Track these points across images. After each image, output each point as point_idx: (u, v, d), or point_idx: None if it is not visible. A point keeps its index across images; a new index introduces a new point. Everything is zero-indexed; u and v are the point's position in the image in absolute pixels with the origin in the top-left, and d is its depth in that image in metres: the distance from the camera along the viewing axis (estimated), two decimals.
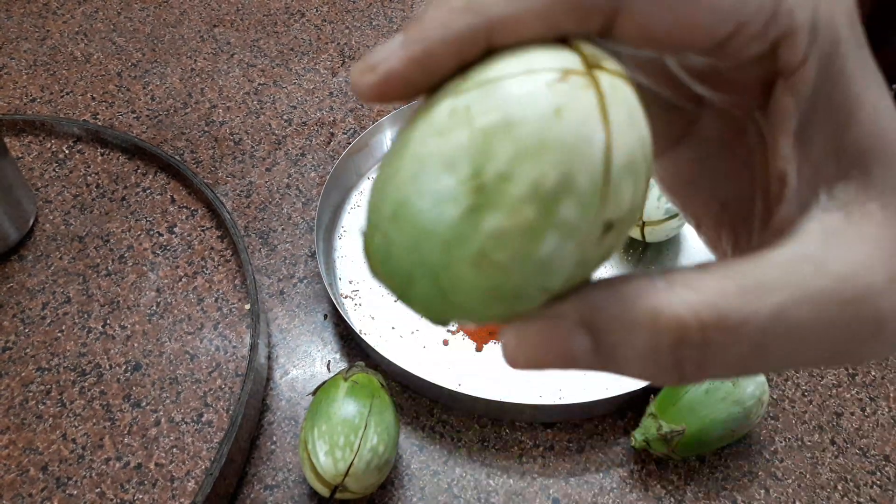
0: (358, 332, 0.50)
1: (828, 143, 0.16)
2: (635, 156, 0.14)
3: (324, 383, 0.46)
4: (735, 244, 0.20)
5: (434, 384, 0.47)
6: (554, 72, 0.14)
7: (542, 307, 0.15)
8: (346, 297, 0.55)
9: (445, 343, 0.53)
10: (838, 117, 0.16)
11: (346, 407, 0.43)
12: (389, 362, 0.49)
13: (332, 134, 0.67)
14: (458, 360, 0.52)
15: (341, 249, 0.58)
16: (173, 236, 0.58)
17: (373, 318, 0.54)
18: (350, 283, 0.56)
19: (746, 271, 0.15)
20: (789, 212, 0.16)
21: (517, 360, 0.16)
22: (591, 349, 0.15)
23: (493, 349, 0.52)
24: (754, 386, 0.45)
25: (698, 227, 0.22)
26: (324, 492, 0.43)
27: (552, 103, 0.14)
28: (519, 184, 0.14)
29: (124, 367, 0.51)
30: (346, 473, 0.41)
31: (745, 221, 0.19)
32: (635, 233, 0.56)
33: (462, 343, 0.53)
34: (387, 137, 0.65)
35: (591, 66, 0.15)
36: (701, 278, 0.15)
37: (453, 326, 0.54)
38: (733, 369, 0.15)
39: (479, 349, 0.52)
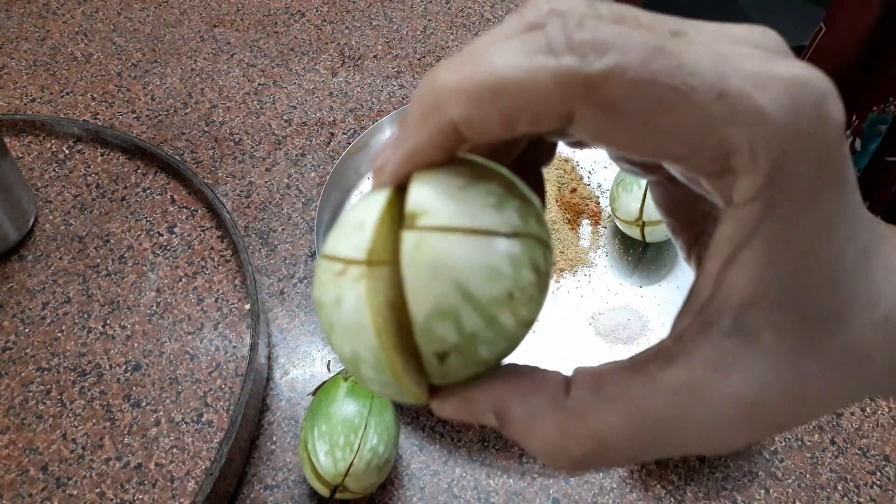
0: None
1: (755, 276, 0.16)
2: (447, 300, 0.17)
3: (324, 383, 0.46)
4: (698, 265, 0.22)
5: None
6: (340, 263, 0.18)
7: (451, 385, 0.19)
8: None
9: None
10: (774, 262, 0.16)
11: (346, 407, 0.43)
12: None
13: (332, 134, 0.67)
14: None
15: None
16: (173, 236, 0.58)
17: None
18: None
19: (635, 399, 0.17)
20: (690, 323, 0.18)
21: (441, 414, 0.20)
22: (499, 426, 0.19)
23: None
24: None
25: (675, 239, 0.23)
26: (324, 492, 0.43)
27: (335, 294, 0.18)
28: (337, 349, 0.19)
29: (124, 367, 0.51)
30: (346, 473, 0.41)
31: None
32: (635, 233, 0.56)
33: None
34: (387, 137, 0.65)
35: (407, 226, 0.18)
36: (593, 408, 0.18)
37: None
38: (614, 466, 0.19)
39: None
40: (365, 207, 0.19)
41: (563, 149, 0.66)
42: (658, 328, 0.54)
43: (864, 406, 0.51)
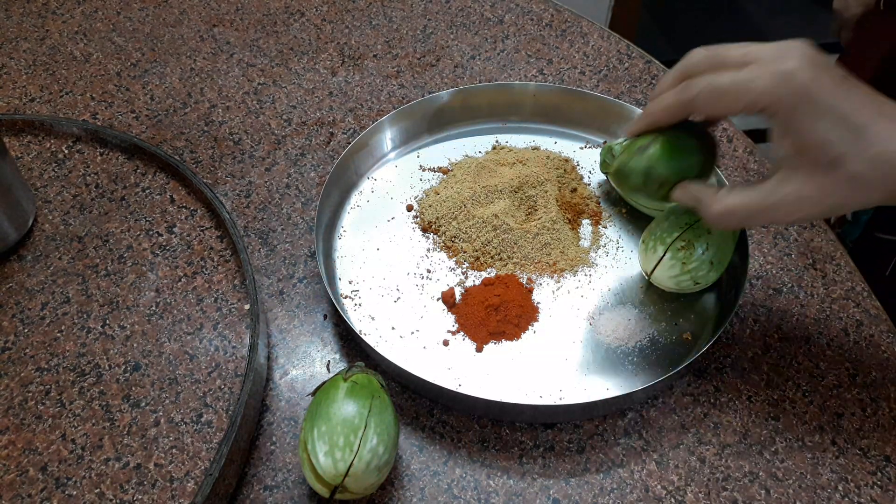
0: (358, 332, 0.50)
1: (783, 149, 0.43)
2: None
3: (323, 384, 0.46)
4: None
5: (434, 384, 0.47)
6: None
7: None
8: (345, 297, 0.55)
9: (446, 343, 0.53)
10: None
11: (346, 407, 0.43)
12: (389, 363, 0.49)
13: (332, 134, 0.67)
14: (458, 360, 0.52)
15: (341, 249, 0.58)
16: (173, 236, 0.58)
17: (373, 318, 0.54)
18: (350, 283, 0.56)
19: (755, 191, 0.44)
20: (775, 161, 0.44)
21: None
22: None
23: (493, 350, 0.52)
24: None
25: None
26: (323, 492, 0.42)
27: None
28: None
29: (123, 367, 0.50)
30: (346, 474, 0.41)
31: None
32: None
33: (462, 344, 0.53)
34: (387, 137, 0.64)
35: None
36: (736, 193, 0.46)
37: (454, 326, 0.53)
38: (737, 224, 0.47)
39: (479, 350, 0.52)
40: None
41: (562, 148, 0.66)
42: (658, 328, 0.54)
43: (865, 406, 0.51)
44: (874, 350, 0.54)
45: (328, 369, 0.52)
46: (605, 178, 0.63)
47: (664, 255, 0.52)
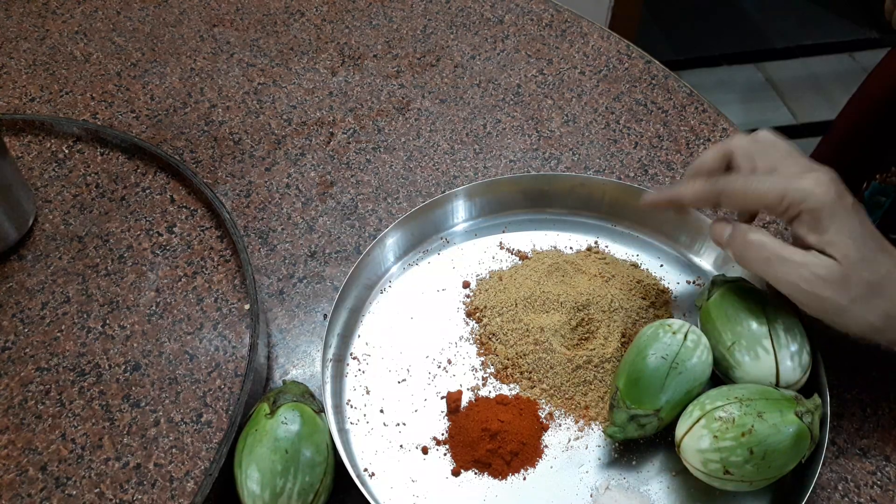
0: (342, 403, 0.48)
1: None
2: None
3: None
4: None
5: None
6: None
7: None
8: (354, 358, 0.52)
9: (424, 451, 0.47)
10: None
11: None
12: (353, 457, 0.46)
13: (332, 134, 0.67)
14: (426, 476, 0.46)
15: (377, 303, 0.54)
16: (173, 236, 0.58)
17: (367, 392, 0.50)
18: (367, 344, 0.52)
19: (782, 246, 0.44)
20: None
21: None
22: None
23: (470, 480, 0.46)
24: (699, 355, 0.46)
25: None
26: None
27: None
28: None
29: (123, 367, 0.50)
30: None
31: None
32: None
33: (440, 459, 0.47)
34: (478, 202, 0.59)
35: None
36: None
37: (443, 435, 0.48)
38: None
39: (454, 473, 0.46)
40: None
41: (665, 275, 0.56)
42: None
43: (865, 407, 0.51)
44: (874, 350, 0.54)
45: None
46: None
47: (699, 420, 0.44)
